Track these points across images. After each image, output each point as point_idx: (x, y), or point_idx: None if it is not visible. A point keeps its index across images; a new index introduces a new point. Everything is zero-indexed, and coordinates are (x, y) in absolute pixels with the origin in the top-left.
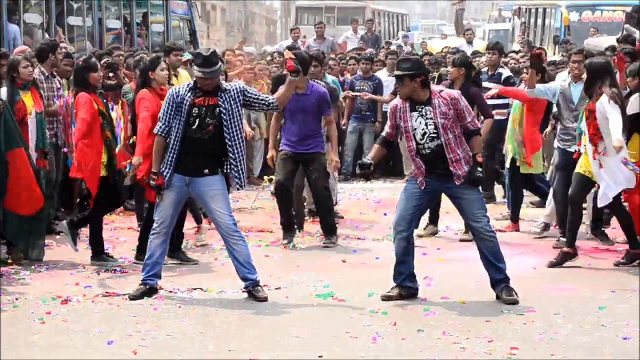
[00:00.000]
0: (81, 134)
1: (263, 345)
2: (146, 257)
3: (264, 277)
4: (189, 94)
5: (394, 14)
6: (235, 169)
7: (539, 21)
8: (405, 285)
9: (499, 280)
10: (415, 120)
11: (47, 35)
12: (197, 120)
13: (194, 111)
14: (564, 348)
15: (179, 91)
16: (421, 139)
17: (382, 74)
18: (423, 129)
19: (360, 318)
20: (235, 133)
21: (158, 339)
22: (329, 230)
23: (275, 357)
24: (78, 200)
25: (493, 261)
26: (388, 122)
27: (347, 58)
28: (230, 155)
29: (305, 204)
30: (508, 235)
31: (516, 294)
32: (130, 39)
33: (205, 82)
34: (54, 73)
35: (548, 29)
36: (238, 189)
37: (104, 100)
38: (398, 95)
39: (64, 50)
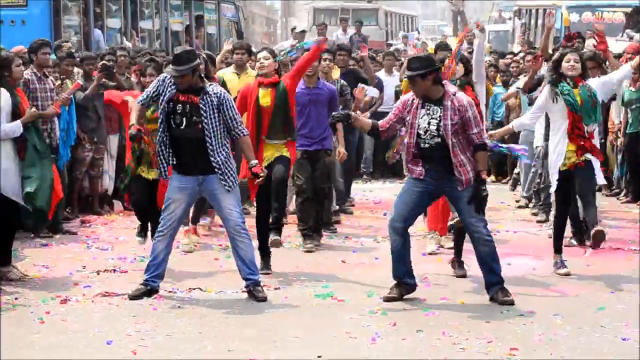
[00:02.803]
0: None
1: (262, 346)
2: (150, 258)
3: (264, 277)
4: (170, 88)
5: (405, 15)
6: (220, 172)
7: (539, 22)
8: (405, 282)
9: (494, 282)
10: (422, 118)
11: (124, 39)
12: (184, 120)
13: (178, 108)
14: (563, 349)
15: (164, 81)
16: (422, 134)
17: (382, 74)
18: (425, 127)
19: (359, 318)
20: (215, 134)
21: (157, 338)
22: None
23: (275, 358)
24: (77, 199)
25: (489, 264)
26: (391, 113)
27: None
28: (212, 158)
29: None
30: (509, 235)
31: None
32: (189, 40)
33: (175, 80)
34: (47, 73)
35: None
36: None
37: None
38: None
39: (65, 50)
